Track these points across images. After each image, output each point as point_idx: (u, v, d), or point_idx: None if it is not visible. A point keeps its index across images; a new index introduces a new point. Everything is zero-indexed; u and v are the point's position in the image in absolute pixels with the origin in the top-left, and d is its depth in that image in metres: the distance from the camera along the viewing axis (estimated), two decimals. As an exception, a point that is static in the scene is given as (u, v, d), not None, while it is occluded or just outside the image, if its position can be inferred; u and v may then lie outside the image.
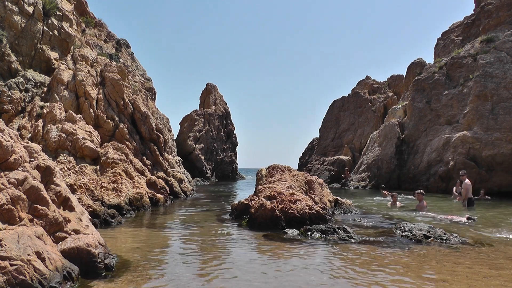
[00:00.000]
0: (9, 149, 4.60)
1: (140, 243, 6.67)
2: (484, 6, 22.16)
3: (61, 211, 5.02)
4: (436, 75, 23.08)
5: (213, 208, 12.76)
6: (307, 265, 5.22)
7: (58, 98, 13.43)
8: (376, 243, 6.76)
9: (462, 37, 24.56)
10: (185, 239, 7.24)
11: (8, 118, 12.79)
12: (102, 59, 16.21)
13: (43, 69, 15.14)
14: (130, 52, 24.19)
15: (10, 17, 13.88)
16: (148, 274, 4.76)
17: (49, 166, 5.15)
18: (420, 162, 22.01)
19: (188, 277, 4.68)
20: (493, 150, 17.95)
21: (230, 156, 43.06)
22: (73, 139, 11.88)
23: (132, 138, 14.78)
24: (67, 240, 4.69)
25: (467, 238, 7.20)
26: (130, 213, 10.45)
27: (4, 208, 4.10)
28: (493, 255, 5.90)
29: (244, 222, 9.01)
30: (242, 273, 4.86)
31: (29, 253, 3.82)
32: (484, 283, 4.45)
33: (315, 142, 42.67)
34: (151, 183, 13.20)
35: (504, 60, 19.49)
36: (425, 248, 6.33)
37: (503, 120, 18.21)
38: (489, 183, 17.83)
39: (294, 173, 10.82)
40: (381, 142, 25.98)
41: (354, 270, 4.97)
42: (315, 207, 8.80)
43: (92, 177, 10.98)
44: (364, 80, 39.69)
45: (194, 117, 39.70)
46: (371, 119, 33.95)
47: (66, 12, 16.54)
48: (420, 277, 4.66)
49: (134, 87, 17.04)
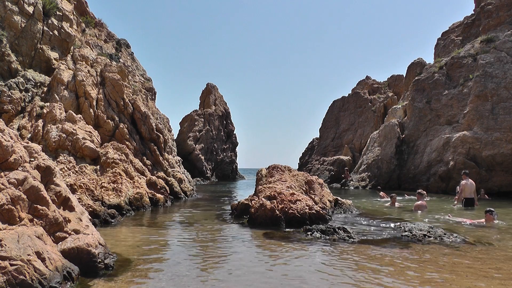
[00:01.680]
0: (9, 149, 4.60)
1: (140, 242, 6.67)
2: (484, 6, 22.16)
3: (61, 211, 5.03)
4: (436, 75, 23.09)
5: (213, 208, 12.76)
6: (307, 265, 5.22)
7: (58, 98, 13.43)
8: (376, 242, 6.76)
9: (462, 37, 24.57)
10: (185, 238, 7.24)
11: (8, 118, 12.78)
12: (102, 59, 16.20)
13: (43, 69, 15.13)
14: (130, 52, 24.17)
15: (10, 17, 13.88)
16: (148, 273, 4.77)
17: (49, 166, 5.15)
18: (420, 162, 22.02)
19: (188, 276, 4.69)
20: (493, 150, 17.95)
21: (230, 156, 43.06)
22: (73, 139, 11.88)
23: (132, 138, 14.78)
24: (67, 240, 4.69)
25: (467, 237, 7.20)
26: (130, 213, 10.45)
27: (4, 208, 4.10)
28: (493, 255, 5.90)
29: (244, 222, 9.02)
30: (241, 272, 4.86)
31: (29, 253, 3.82)
32: (484, 282, 4.45)
33: (315, 142, 42.68)
34: (151, 183, 13.20)
35: (504, 60, 19.50)
36: (425, 248, 6.33)
37: (503, 120, 18.21)
38: (489, 183, 17.83)
39: (294, 173, 10.83)
40: (381, 142, 25.98)
41: (354, 270, 4.97)
42: (315, 207, 8.81)
43: (92, 177, 10.98)
44: (364, 80, 39.70)
45: (194, 117, 39.70)
46: (371, 119, 33.96)
47: (66, 12, 16.54)
48: (420, 277, 4.66)
49: (134, 87, 17.04)
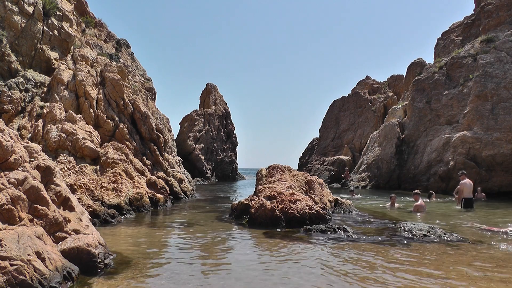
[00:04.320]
0: (9, 149, 4.60)
1: (140, 242, 6.68)
2: (484, 6, 22.16)
3: (61, 211, 5.03)
4: (436, 75, 23.08)
5: (213, 208, 12.76)
6: (307, 265, 5.22)
7: (58, 98, 13.43)
8: (376, 242, 6.77)
9: (462, 37, 24.56)
10: (184, 238, 7.24)
11: (8, 118, 12.78)
12: (102, 59, 16.20)
13: (43, 69, 15.13)
14: (130, 52, 24.16)
15: (10, 17, 13.88)
16: (147, 272, 4.77)
17: (49, 166, 5.15)
18: (420, 162, 22.01)
19: (188, 274, 4.70)
20: (493, 150, 17.94)
21: (230, 156, 43.05)
22: (73, 139, 11.88)
23: (132, 138, 14.78)
24: (67, 240, 4.69)
25: (467, 236, 7.20)
26: (130, 213, 10.45)
27: (4, 208, 4.10)
28: (493, 253, 5.90)
29: (244, 222, 9.02)
30: (241, 271, 4.86)
31: (29, 253, 3.83)
32: (483, 281, 4.45)
33: (315, 142, 42.67)
34: (151, 183, 13.20)
35: (504, 60, 19.49)
36: (425, 247, 6.33)
37: (503, 120, 18.20)
38: (489, 183, 17.83)
39: (294, 173, 10.83)
40: (381, 142, 25.98)
41: (354, 270, 4.97)
42: (315, 207, 8.81)
43: (92, 177, 10.98)
44: (364, 80, 39.69)
45: (194, 117, 39.69)
46: (371, 119, 33.96)
47: (66, 12, 16.54)
48: (420, 276, 4.66)
49: (134, 87, 17.03)
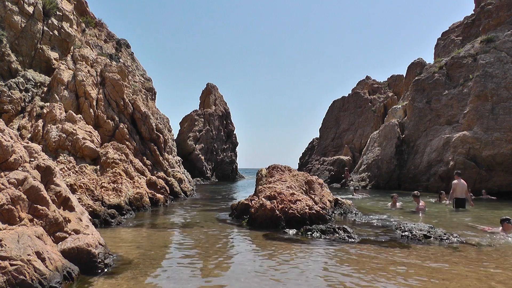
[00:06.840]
0: (9, 149, 4.60)
1: (140, 242, 6.67)
2: (484, 6, 22.16)
3: (61, 211, 5.03)
4: (436, 75, 23.09)
5: (213, 208, 12.75)
6: (307, 265, 5.22)
7: (58, 98, 13.43)
8: (376, 243, 6.76)
9: (462, 37, 24.57)
10: (184, 238, 7.24)
11: (8, 118, 12.78)
12: (102, 59, 16.20)
13: (43, 69, 15.13)
14: (130, 52, 24.17)
15: (10, 17, 13.88)
16: (147, 272, 4.77)
17: (49, 166, 5.15)
18: (420, 162, 22.01)
19: (188, 275, 4.69)
20: (493, 150, 17.94)
21: (230, 156, 43.04)
22: (73, 139, 11.88)
23: (132, 138, 14.78)
24: (67, 240, 4.69)
25: (467, 238, 7.20)
26: (130, 213, 10.45)
27: (4, 208, 4.10)
28: (493, 255, 5.90)
29: (244, 222, 9.02)
30: (241, 272, 4.86)
31: (29, 253, 3.82)
32: (484, 282, 4.45)
33: (315, 142, 42.68)
34: (151, 183, 13.20)
35: (504, 60, 19.49)
36: (425, 248, 6.33)
37: (503, 120, 18.21)
38: (489, 183, 17.82)
39: (294, 173, 10.82)
40: (381, 142, 25.98)
41: (354, 270, 4.97)
42: (315, 207, 8.80)
43: (92, 177, 10.98)
44: (364, 80, 39.70)
45: (194, 117, 39.68)
46: (371, 119, 33.96)
47: (66, 12, 16.54)
48: (420, 276, 4.66)
49: (134, 87, 17.03)
